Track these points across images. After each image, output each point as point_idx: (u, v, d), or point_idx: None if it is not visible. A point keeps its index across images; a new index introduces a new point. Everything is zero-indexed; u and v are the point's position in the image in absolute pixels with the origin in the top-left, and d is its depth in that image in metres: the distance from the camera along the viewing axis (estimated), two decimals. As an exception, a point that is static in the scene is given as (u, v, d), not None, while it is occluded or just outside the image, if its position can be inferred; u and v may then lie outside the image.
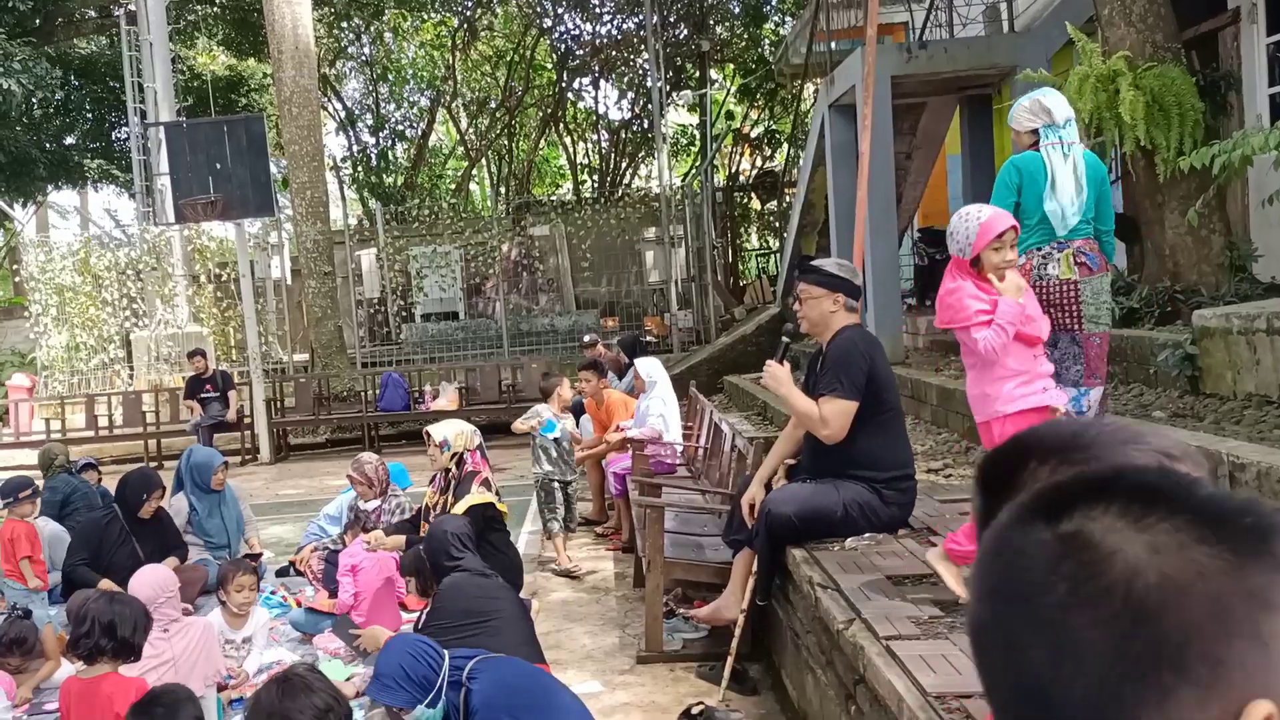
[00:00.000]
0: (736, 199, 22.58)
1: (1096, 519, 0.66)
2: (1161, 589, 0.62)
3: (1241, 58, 7.86)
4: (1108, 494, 0.67)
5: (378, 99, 27.09)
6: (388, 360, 16.97)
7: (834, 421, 4.41)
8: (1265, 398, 5.52)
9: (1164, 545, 0.64)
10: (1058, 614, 0.64)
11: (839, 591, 3.93)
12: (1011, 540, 0.68)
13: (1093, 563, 0.64)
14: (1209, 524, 0.64)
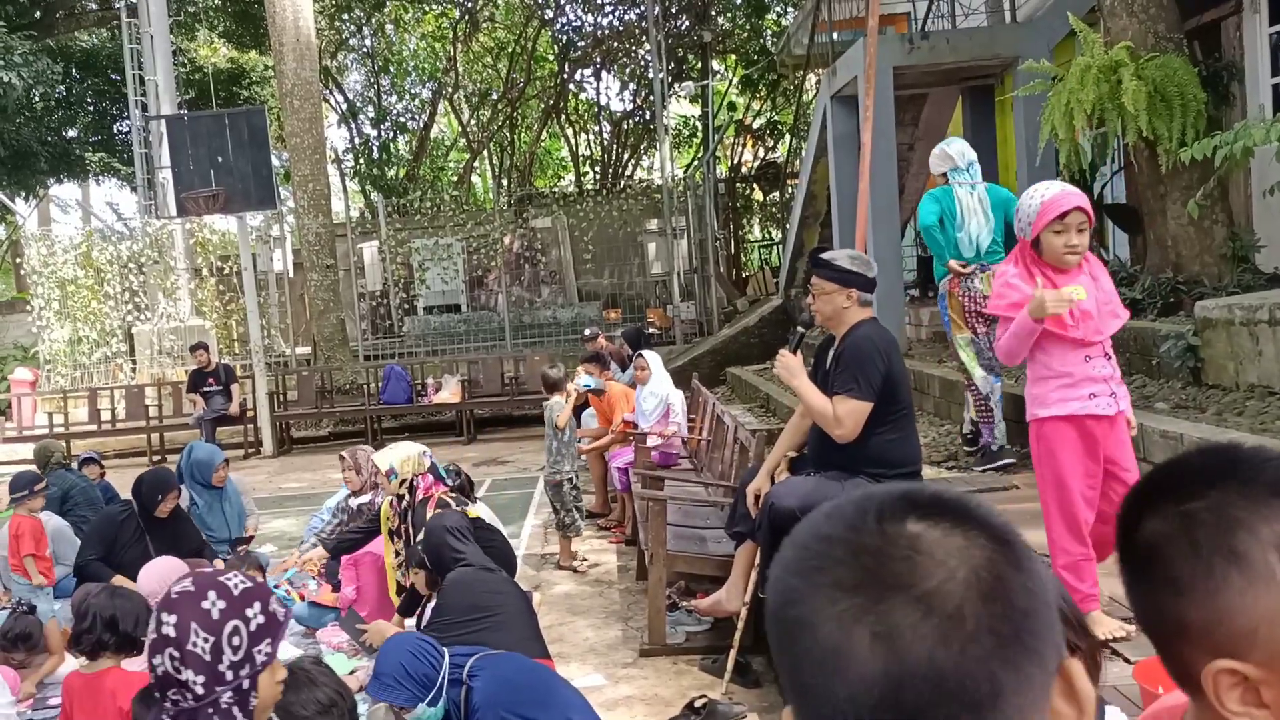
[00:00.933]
0: (739, 190, 22.55)
1: (939, 524, 0.73)
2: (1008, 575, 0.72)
3: (1244, 48, 7.84)
4: (936, 507, 0.74)
5: (379, 91, 27.06)
6: (390, 353, 16.98)
7: (848, 421, 4.39)
8: (1268, 388, 5.52)
9: (991, 544, 0.72)
10: (938, 599, 0.70)
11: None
12: (854, 538, 0.73)
13: (953, 556, 0.70)
14: (992, 528, 0.74)
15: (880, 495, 0.75)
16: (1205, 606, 0.84)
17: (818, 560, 0.72)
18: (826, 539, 0.73)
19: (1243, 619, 0.83)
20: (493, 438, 13.44)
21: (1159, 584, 0.88)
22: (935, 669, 0.66)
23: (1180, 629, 0.87)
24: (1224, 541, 0.84)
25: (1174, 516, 0.87)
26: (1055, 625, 0.71)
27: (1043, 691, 0.70)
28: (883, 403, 4.42)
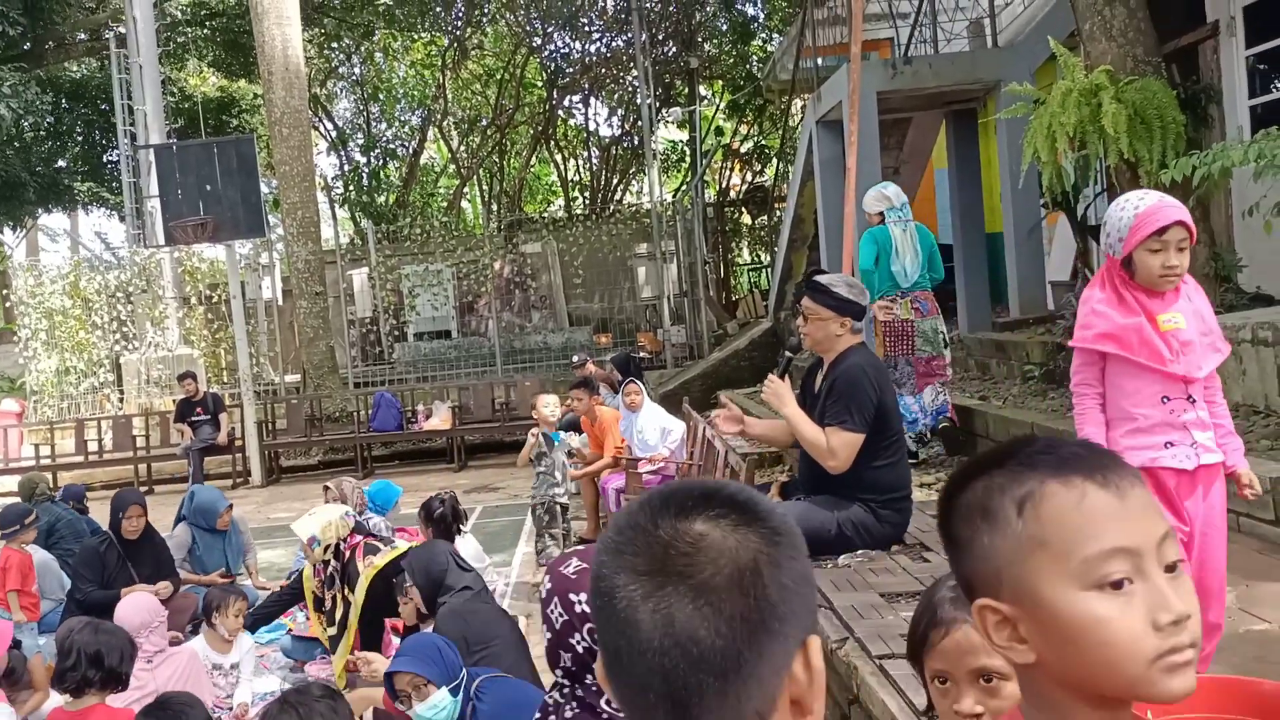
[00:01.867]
0: (727, 214, 22.64)
1: (720, 522, 0.89)
2: (770, 570, 0.87)
3: (1221, 70, 7.92)
4: (719, 503, 0.90)
5: (369, 118, 27.16)
6: (380, 380, 16.95)
7: (842, 453, 4.40)
8: (1253, 407, 5.55)
9: (764, 542, 0.88)
10: (705, 592, 0.86)
11: (832, 610, 3.93)
12: (648, 529, 0.89)
13: (724, 554, 0.87)
14: (777, 532, 0.90)
15: (682, 494, 0.91)
16: (972, 558, 1.02)
17: (623, 544, 0.89)
18: (633, 526, 0.90)
19: (992, 562, 1.00)
20: (484, 464, 13.41)
21: (952, 549, 1.06)
22: (695, 644, 0.84)
23: (967, 584, 1.04)
24: (982, 501, 1.01)
25: (961, 494, 1.05)
26: (802, 611, 0.89)
27: (783, 661, 0.87)
28: (874, 433, 4.43)
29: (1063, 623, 0.96)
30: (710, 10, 22.80)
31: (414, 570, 4.27)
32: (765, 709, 0.86)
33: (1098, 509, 0.96)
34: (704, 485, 0.92)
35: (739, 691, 0.85)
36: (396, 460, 14.16)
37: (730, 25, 22.84)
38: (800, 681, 0.88)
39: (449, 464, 13.43)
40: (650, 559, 0.87)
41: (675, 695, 0.85)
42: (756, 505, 0.91)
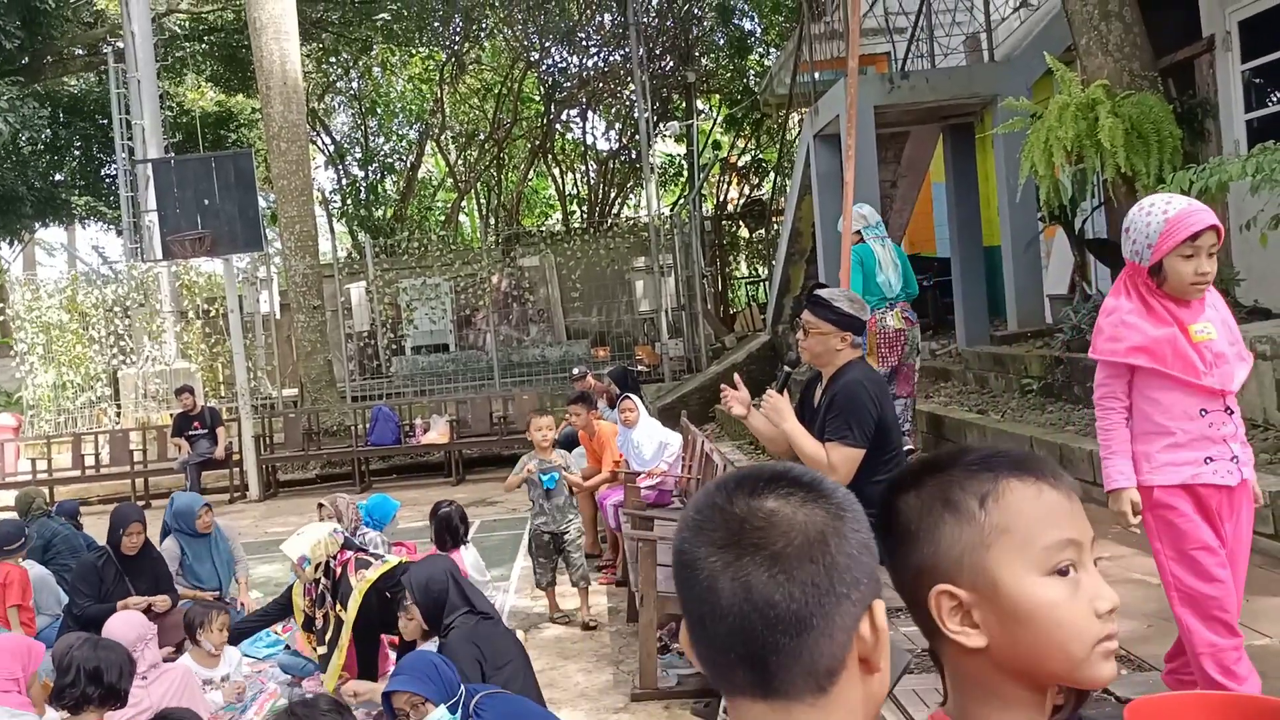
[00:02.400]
0: (725, 227, 22.67)
1: (792, 498, 0.99)
2: (838, 540, 0.98)
3: (1217, 84, 7.95)
4: (792, 481, 1.01)
5: (366, 132, 27.21)
6: (378, 394, 16.94)
7: (842, 469, 4.38)
8: (1252, 421, 5.55)
9: (832, 516, 0.99)
10: (781, 560, 0.96)
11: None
12: (725, 507, 1.00)
13: (796, 527, 0.97)
14: (843, 506, 1.01)
15: (754, 475, 1.02)
16: (929, 544, 1.11)
17: (703, 521, 1.00)
18: (711, 505, 1.00)
19: (954, 550, 1.09)
20: (482, 478, 13.38)
21: (903, 541, 1.14)
22: (771, 607, 0.95)
23: (917, 572, 1.12)
24: (942, 495, 1.11)
25: (913, 491, 1.15)
26: (866, 577, 0.98)
27: (851, 622, 0.97)
28: (875, 448, 4.42)
29: (1021, 605, 1.06)
30: (707, 25, 22.88)
31: (413, 587, 4.24)
32: (835, 666, 0.96)
33: (1053, 503, 1.09)
34: (773, 468, 1.03)
35: (811, 649, 0.95)
36: (394, 474, 14.13)
37: (727, 40, 22.92)
38: (867, 641, 0.98)
39: (447, 478, 13.40)
40: (728, 533, 0.98)
41: (753, 654, 0.96)
42: (821, 483, 1.02)
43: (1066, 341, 7.48)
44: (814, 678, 0.96)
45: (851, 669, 0.98)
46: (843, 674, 0.97)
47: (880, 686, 1.00)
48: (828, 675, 0.96)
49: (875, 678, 1.00)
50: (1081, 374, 7.15)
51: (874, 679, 0.99)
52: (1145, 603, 3.94)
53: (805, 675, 0.95)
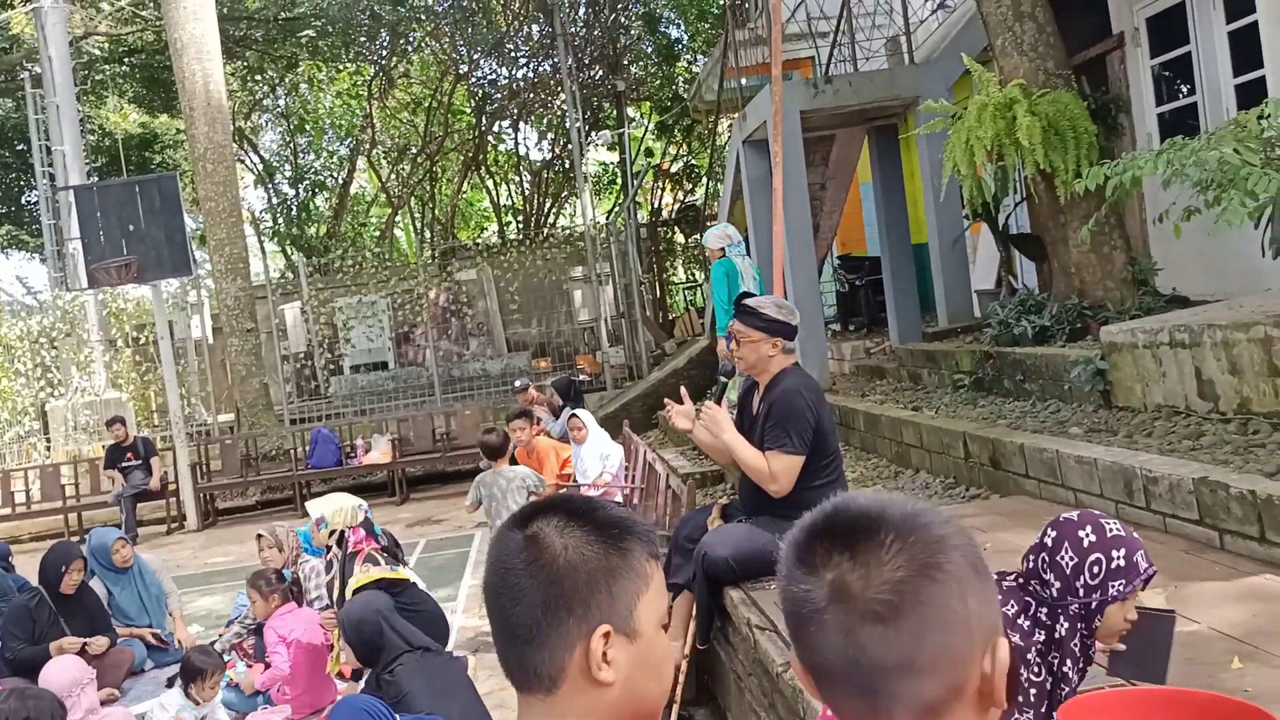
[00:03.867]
0: (661, 234, 22.76)
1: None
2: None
3: (1129, 80, 8.17)
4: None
5: (295, 150, 26.86)
6: (317, 415, 16.72)
7: (784, 477, 4.44)
8: (1174, 408, 5.70)
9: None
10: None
11: (777, 633, 3.94)
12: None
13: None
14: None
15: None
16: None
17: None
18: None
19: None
20: (426, 496, 13.27)
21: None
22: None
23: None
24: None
25: None
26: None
27: (963, 664, 1.00)
28: (813, 454, 4.47)
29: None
30: (635, 34, 22.97)
31: (346, 625, 4.18)
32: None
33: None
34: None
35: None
36: (337, 496, 13.96)
37: (655, 48, 23.04)
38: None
39: (391, 497, 13.27)
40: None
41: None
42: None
43: (995, 336, 7.62)
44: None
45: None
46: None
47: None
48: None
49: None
50: (1011, 368, 7.29)
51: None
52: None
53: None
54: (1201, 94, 7.65)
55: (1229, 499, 4.19)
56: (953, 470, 6.67)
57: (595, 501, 1.19)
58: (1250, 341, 5.07)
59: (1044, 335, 7.14)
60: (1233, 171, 4.82)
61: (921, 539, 1.01)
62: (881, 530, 1.02)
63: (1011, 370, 7.27)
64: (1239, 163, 4.82)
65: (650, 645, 1.15)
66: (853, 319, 13.67)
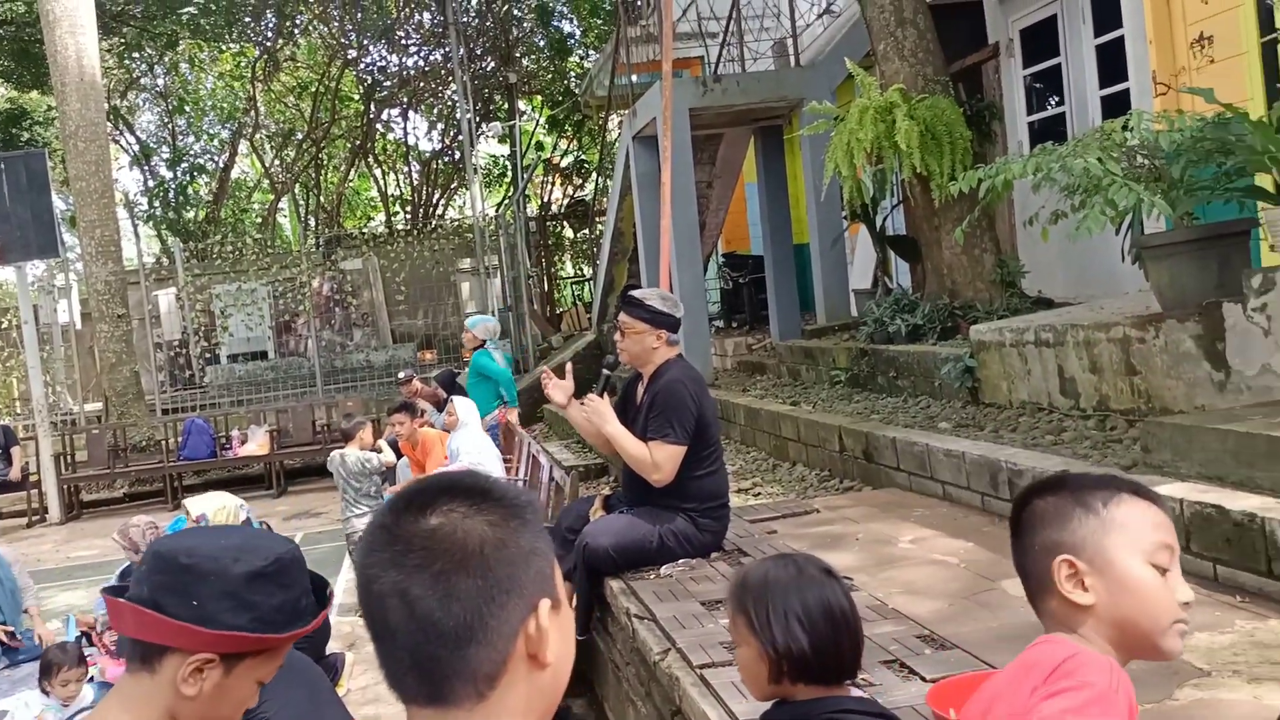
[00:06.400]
0: (550, 228, 22.69)
1: (454, 511, 1.03)
2: (495, 548, 1.01)
3: (1003, 88, 8.50)
4: (456, 492, 1.05)
5: (174, 131, 25.91)
6: (191, 405, 16.16)
7: (666, 466, 4.47)
8: (1037, 405, 5.96)
9: (492, 522, 1.03)
10: (445, 578, 0.99)
11: (655, 622, 3.97)
12: (392, 531, 1.03)
13: (456, 538, 1.01)
14: (510, 509, 1.04)
15: (421, 492, 1.05)
16: (1058, 529, 1.47)
17: (373, 543, 1.03)
18: (380, 528, 1.04)
19: (1079, 533, 1.46)
20: (305, 489, 12.97)
21: (1034, 527, 1.50)
22: (434, 624, 0.99)
23: (1042, 548, 1.48)
24: (1074, 496, 1.49)
25: (1045, 493, 1.52)
26: (530, 581, 1.03)
27: (512, 626, 1.01)
28: (695, 443, 4.53)
29: (1129, 579, 1.43)
30: (527, 26, 22.85)
31: None
32: (495, 671, 1.01)
33: (1158, 518, 1.47)
34: (441, 482, 1.07)
35: (471, 659, 1.01)
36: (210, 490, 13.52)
37: (548, 42, 22.95)
38: (533, 638, 1.02)
39: (268, 490, 12.92)
40: (393, 555, 1.01)
41: (420, 666, 1.01)
42: (487, 493, 1.06)
43: (870, 334, 7.84)
44: (474, 684, 1.00)
45: (515, 670, 1.02)
46: (504, 677, 1.01)
47: (553, 679, 1.05)
48: (487, 681, 1.01)
49: (546, 672, 1.04)
50: (885, 365, 7.51)
51: (544, 673, 1.04)
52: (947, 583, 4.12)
53: (465, 683, 1.00)
54: (1070, 104, 8.01)
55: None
56: (828, 463, 6.83)
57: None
58: (1110, 342, 5.33)
59: (917, 334, 7.38)
60: (1096, 180, 5.05)
61: (489, 503, 1.04)
62: (450, 497, 1.05)
63: (885, 367, 7.49)
64: (1102, 172, 5.04)
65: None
66: (736, 316, 13.87)
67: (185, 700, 1.48)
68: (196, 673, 1.48)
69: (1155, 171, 5.13)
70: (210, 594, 1.46)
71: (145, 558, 1.55)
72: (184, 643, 1.46)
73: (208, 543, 1.54)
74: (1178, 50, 6.49)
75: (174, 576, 1.48)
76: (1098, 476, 1.51)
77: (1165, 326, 4.95)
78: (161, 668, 1.48)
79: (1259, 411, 4.23)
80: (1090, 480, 1.51)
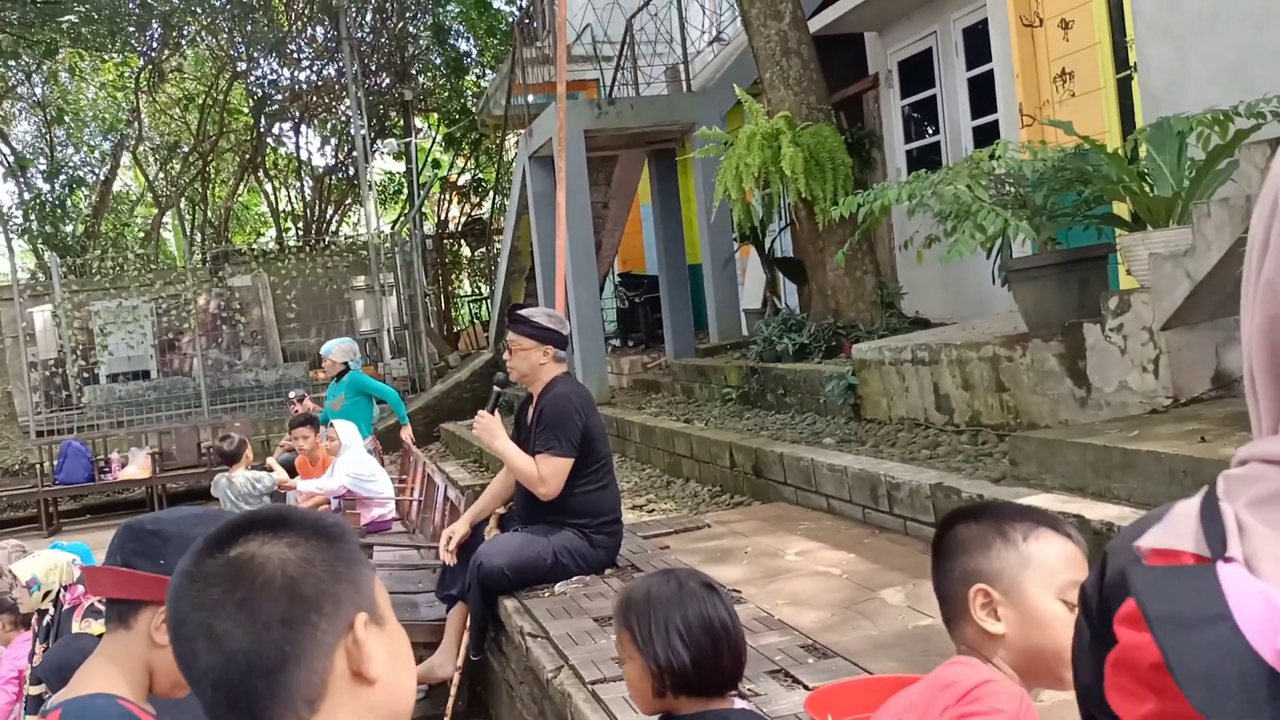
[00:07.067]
0: (447, 246, 22.56)
1: (252, 541, 1.02)
2: (298, 567, 1.00)
3: (882, 117, 8.85)
4: (254, 524, 1.03)
5: (52, 142, 24.94)
6: (68, 427, 15.55)
7: (552, 480, 4.54)
8: (915, 420, 6.22)
9: (293, 543, 1.01)
10: (247, 605, 0.98)
11: (548, 639, 4.02)
12: (191, 573, 1.02)
13: (256, 566, 1.00)
14: (311, 531, 1.03)
15: (225, 528, 1.04)
16: (979, 557, 1.56)
17: (180, 587, 1.02)
18: (184, 573, 1.03)
19: (997, 564, 1.54)
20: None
21: (956, 552, 1.58)
22: (243, 654, 0.98)
23: (960, 575, 1.56)
24: (995, 525, 1.57)
25: (967, 521, 1.62)
26: (344, 597, 1.01)
27: (328, 645, 1.00)
28: (583, 457, 4.61)
29: (1039, 612, 1.52)
30: (423, 44, 22.72)
31: (48, 677, 3.92)
32: (314, 693, 0.99)
33: (1072, 554, 1.55)
34: (239, 519, 1.06)
35: (288, 684, 0.98)
36: (88, 514, 13.09)
37: (444, 59, 22.86)
38: (353, 655, 1.01)
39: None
40: (198, 593, 1.00)
41: (236, 700, 0.99)
42: (286, 518, 1.05)
43: (760, 352, 8.06)
44: (294, 710, 0.98)
45: (338, 690, 1.00)
46: (327, 699, 1.00)
47: (386, 695, 1.03)
48: (308, 705, 0.99)
49: (375, 688, 1.02)
50: (773, 382, 7.73)
51: (372, 690, 1.02)
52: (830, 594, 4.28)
53: (286, 709, 0.98)
54: (944, 133, 8.38)
55: (960, 502, 4.62)
56: (720, 479, 7.00)
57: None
58: (981, 360, 5.61)
59: (803, 352, 7.62)
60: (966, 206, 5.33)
61: (289, 527, 1.04)
62: (251, 528, 1.05)
63: (774, 385, 7.71)
64: (971, 199, 5.32)
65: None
66: (632, 334, 14.03)
67: (159, 649, 1.64)
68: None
69: (1021, 198, 5.44)
70: (175, 551, 1.59)
71: (117, 532, 1.76)
72: (155, 594, 1.63)
73: (170, 515, 1.80)
74: (1042, 84, 6.88)
75: (143, 541, 1.70)
76: (1020, 507, 1.61)
77: (1031, 346, 5.23)
78: (136, 622, 1.68)
79: (1116, 426, 4.51)
80: (1012, 510, 1.60)
